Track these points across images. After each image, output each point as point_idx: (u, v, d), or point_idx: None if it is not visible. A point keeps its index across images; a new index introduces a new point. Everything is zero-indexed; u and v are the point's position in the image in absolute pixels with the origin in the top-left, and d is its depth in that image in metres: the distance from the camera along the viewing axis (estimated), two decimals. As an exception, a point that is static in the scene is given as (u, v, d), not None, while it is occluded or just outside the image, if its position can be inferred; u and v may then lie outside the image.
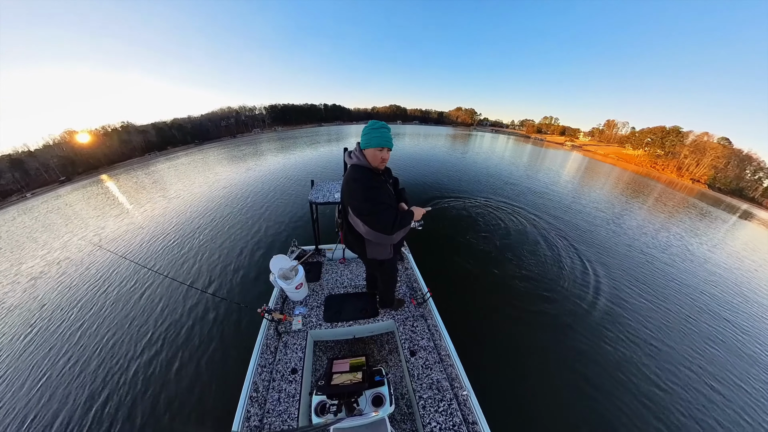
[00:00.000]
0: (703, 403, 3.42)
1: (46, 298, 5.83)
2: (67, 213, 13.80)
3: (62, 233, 10.30)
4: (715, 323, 5.14)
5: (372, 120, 1.65)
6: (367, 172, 1.64)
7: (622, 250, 7.57)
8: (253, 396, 1.80)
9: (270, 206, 9.37)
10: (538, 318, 4.42)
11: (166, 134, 64.04)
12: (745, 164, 48.60)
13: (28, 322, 5.04)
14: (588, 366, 3.68)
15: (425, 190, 11.08)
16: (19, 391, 3.56)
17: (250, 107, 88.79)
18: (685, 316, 5.18)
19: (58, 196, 19.50)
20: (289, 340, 2.24)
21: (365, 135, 1.60)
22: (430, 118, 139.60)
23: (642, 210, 13.25)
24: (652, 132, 60.31)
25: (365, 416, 1.48)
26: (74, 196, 18.08)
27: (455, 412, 1.76)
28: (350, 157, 1.72)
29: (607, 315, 4.74)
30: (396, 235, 1.64)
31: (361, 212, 1.62)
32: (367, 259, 1.96)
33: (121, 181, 20.04)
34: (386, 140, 1.59)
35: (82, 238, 9.17)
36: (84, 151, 50.08)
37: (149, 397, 3.25)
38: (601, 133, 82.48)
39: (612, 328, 4.42)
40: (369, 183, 1.59)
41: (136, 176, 21.41)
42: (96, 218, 11.30)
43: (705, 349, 4.37)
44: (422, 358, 2.09)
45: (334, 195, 2.94)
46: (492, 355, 3.67)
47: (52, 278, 6.66)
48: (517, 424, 2.87)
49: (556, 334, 4.15)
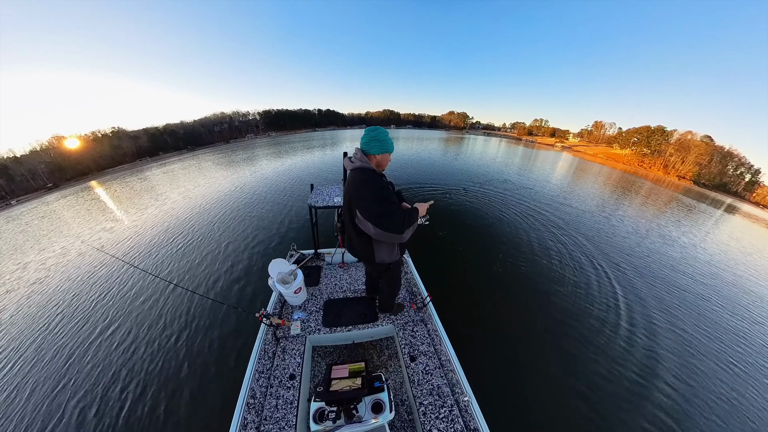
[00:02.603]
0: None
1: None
2: (54, 218, 13.43)
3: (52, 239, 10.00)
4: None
5: (378, 126, 1.75)
6: (374, 174, 1.69)
7: (626, 245, 7.74)
8: (250, 403, 1.76)
9: (268, 210, 9.28)
10: (541, 322, 4.38)
11: (158, 140, 63.04)
12: (727, 160, 50.30)
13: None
14: (591, 373, 3.61)
15: (422, 190, 11.16)
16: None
17: (244, 112, 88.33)
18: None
19: (46, 202, 18.94)
20: (288, 345, 2.20)
21: (382, 141, 1.70)
22: (424, 122, 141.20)
23: (631, 206, 13.62)
24: (638, 132, 61.95)
25: (365, 423, 1.45)
26: (61, 204, 17.57)
27: (456, 418, 1.73)
28: (352, 161, 1.74)
29: (614, 322, 4.66)
30: (406, 234, 1.64)
31: (373, 214, 1.61)
32: (375, 263, 1.92)
33: (111, 188, 19.59)
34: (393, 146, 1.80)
35: (76, 241, 8.95)
36: (73, 157, 48.95)
37: (143, 403, 3.15)
38: (590, 133, 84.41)
39: (619, 335, 4.35)
40: (378, 185, 1.65)
41: (128, 182, 20.96)
42: (86, 223, 11.01)
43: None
44: (422, 364, 2.07)
45: (333, 199, 2.93)
46: (493, 360, 3.62)
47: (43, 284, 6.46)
48: (519, 431, 2.83)
49: (559, 339, 4.11)
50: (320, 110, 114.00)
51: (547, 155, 37.75)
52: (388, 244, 1.81)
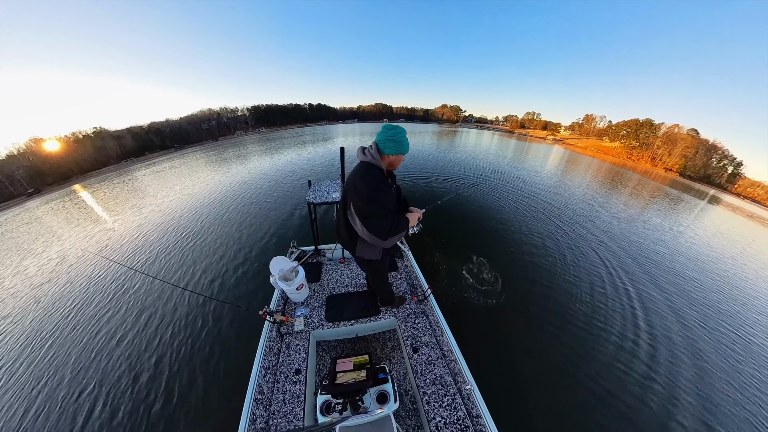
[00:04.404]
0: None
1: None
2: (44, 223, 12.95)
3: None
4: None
5: (397, 125, 1.67)
6: (378, 172, 1.65)
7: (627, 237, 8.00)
8: (258, 398, 1.79)
9: (265, 208, 9.15)
10: (542, 313, 4.48)
11: (144, 139, 60.70)
12: (711, 153, 51.80)
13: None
14: (590, 362, 3.71)
15: (417, 186, 11.19)
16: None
17: (232, 108, 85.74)
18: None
19: (27, 209, 18.06)
20: (292, 341, 2.23)
21: (398, 143, 1.64)
22: (416, 115, 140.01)
23: (618, 192, 14.01)
24: (627, 125, 63.04)
25: (370, 414, 1.49)
26: (44, 209, 16.76)
27: (459, 406, 1.78)
28: (364, 154, 1.70)
29: (615, 307, 4.85)
30: (389, 241, 1.67)
31: (362, 212, 1.62)
32: (355, 256, 1.93)
33: (97, 191, 18.73)
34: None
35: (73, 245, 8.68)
36: (53, 160, 46.52)
37: (151, 402, 3.17)
38: (581, 126, 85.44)
39: (621, 322, 4.50)
40: (376, 184, 1.61)
41: (114, 185, 20.07)
42: (77, 228, 10.69)
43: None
44: (425, 355, 2.12)
45: (332, 195, 2.93)
46: (494, 349, 3.71)
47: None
48: (520, 416, 2.91)
49: (560, 328, 4.21)
50: (311, 105, 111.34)
51: (539, 148, 38.15)
52: (370, 243, 1.81)
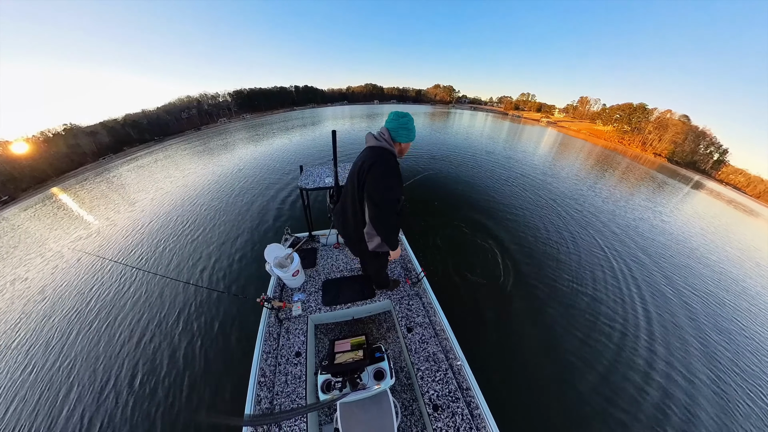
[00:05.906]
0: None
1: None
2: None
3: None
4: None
5: (407, 113, 1.68)
6: (396, 163, 1.69)
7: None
8: (261, 381, 1.87)
9: (256, 196, 9.00)
10: (526, 289, 4.72)
11: (120, 133, 56.72)
12: (699, 140, 52.80)
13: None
14: (571, 337, 3.95)
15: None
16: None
17: (213, 94, 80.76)
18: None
19: (5, 218, 16.56)
20: (291, 326, 2.29)
21: (410, 130, 1.67)
22: (408, 96, 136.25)
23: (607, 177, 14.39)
24: (620, 108, 63.10)
25: (368, 390, 1.58)
26: (24, 216, 14.79)
27: (450, 380, 1.90)
28: (378, 139, 1.68)
29: (598, 287, 5.07)
30: (384, 235, 1.76)
31: (373, 200, 1.64)
32: (369, 251, 1.93)
33: (77, 193, 16.90)
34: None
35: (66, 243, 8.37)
36: (25, 163, 41.99)
37: (160, 390, 3.28)
38: (575, 109, 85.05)
39: (608, 303, 4.71)
40: (396, 173, 1.67)
41: (95, 183, 18.51)
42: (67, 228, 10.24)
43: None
44: (418, 334, 2.22)
45: (324, 180, 2.89)
46: (484, 327, 3.91)
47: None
48: (507, 388, 3.14)
49: (544, 304, 4.45)
50: (297, 87, 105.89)
51: (532, 130, 38.10)
52: (376, 235, 1.83)
